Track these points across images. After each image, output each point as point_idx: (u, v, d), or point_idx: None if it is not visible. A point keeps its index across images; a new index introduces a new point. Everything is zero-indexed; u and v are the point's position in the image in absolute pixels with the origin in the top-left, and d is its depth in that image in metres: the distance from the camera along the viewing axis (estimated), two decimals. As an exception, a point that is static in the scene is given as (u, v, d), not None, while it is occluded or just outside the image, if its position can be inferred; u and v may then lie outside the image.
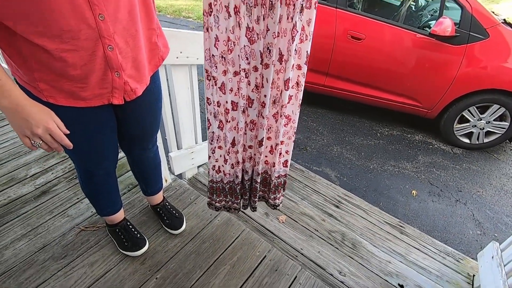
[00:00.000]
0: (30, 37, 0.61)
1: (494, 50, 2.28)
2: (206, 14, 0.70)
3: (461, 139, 2.67)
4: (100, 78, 0.72)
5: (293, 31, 0.72)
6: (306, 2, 0.70)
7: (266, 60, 0.77)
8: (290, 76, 0.79)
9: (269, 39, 0.74)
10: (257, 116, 0.87)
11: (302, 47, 0.77)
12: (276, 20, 0.71)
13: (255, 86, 0.82)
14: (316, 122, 2.93)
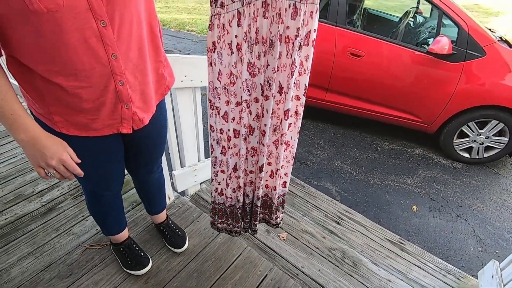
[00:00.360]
0: (47, 75, 0.66)
1: (491, 68, 2.33)
2: (210, 51, 0.74)
3: (461, 154, 2.69)
4: (110, 110, 0.76)
5: (292, 67, 0.76)
6: (304, 40, 0.75)
7: (266, 92, 0.81)
8: (290, 107, 0.83)
9: (269, 74, 0.78)
10: (258, 143, 0.91)
11: (301, 80, 0.81)
12: (276, 57, 0.75)
13: (256, 115, 0.86)
14: (317, 136, 2.97)
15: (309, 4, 0.70)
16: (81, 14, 0.61)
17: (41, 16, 0.57)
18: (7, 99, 0.63)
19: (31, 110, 0.78)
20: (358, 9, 3.11)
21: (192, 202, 1.69)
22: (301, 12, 0.70)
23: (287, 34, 0.73)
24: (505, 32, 6.21)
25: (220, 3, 0.68)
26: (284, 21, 0.71)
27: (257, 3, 0.70)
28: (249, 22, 0.71)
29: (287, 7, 0.70)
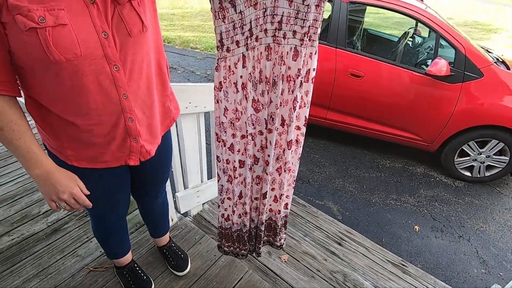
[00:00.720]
0: (62, 115, 0.71)
1: (490, 89, 2.37)
2: (217, 89, 0.79)
3: (462, 172, 2.70)
4: (120, 144, 0.80)
5: (294, 102, 0.81)
6: (304, 78, 0.80)
7: (270, 126, 0.86)
8: (292, 138, 0.88)
9: (272, 109, 0.83)
10: (262, 172, 0.95)
11: (301, 112, 0.86)
12: (278, 94, 0.80)
13: (260, 147, 0.90)
14: (319, 154, 3.00)
15: (308, 47, 0.75)
16: (96, 60, 0.66)
17: (60, 64, 0.62)
18: (25, 139, 0.67)
19: (45, 144, 0.82)
20: (357, 30, 3.19)
21: (194, 223, 1.71)
22: (301, 55, 0.76)
23: (289, 73, 0.78)
24: (503, 52, 6.30)
25: (226, 48, 0.73)
26: (286, 63, 0.77)
27: (261, 47, 0.75)
28: (253, 64, 0.77)
29: (288, 50, 0.75)
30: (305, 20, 0.72)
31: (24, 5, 0.56)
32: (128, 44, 0.69)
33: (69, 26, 0.60)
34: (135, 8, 0.68)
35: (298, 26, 0.73)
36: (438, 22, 2.45)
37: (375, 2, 2.60)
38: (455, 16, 10.21)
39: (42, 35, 0.58)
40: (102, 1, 0.64)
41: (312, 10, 0.71)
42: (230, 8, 0.68)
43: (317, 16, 0.72)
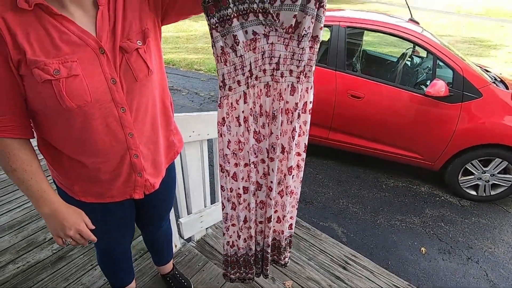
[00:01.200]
0: (72, 155, 0.75)
1: (490, 108, 2.40)
2: (220, 124, 0.83)
3: (467, 191, 2.68)
4: (125, 179, 0.84)
5: (293, 132, 0.86)
6: (301, 110, 0.85)
7: (271, 155, 0.90)
8: (292, 164, 0.91)
9: (273, 140, 0.88)
10: (266, 197, 0.98)
11: (301, 140, 0.92)
12: (278, 126, 0.85)
13: (263, 174, 0.94)
14: (322, 174, 3.00)
15: (304, 83, 0.81)
16: (105, 104, 0.70)
17: (71, 110, 0.66)
18: (36, 179, 0.71)
19: (55, 180, 0.86)
20: (356, 52, 3.28)
21: (197, 249, 1.71)
22: (298, 90, 0.81)
23: (287, 107, 0.84)
24: (503, 67, 6.35)
25: (228, 87, 0.78)
26: (284, 98, 0.82)
27: (260, 85, 0.80)
28: (254, 100, 0.81)
29: (286, 87, 0.81)
30: (301, 60, 0.78)
31: (41, 59, 0.61)
32: (135, 88, 0.74)
33: (81, 76, 0.65)
34: (141, 55, 0.73)
35: (294, 66, 0.79)
36: (435, 45, 2.51)
37: (372, 27, 2.69)
38: (453, 33, 10.39)
39: (56, 86, 0.63)
40: (111, 51, 0.69)
41: (307, 51, 0.76)
42: (231, 53, 0.73)
43: (311, 56, 0.77)
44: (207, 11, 0.70)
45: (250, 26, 0.72)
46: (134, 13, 0.73)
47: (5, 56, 0.61)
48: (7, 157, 0.68)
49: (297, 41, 0.75)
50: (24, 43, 0.60)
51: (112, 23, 0.70)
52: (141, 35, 0.73)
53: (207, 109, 4.33)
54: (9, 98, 0.65)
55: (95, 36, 0.68)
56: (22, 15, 0.61)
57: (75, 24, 0.65)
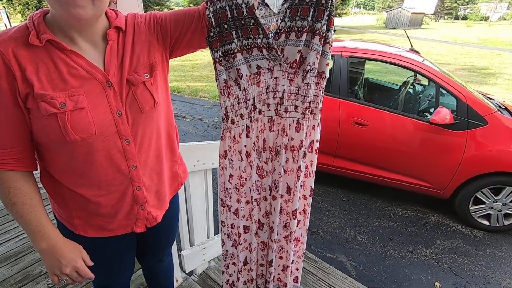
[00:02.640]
0: (73, 187, 0.73)
1: (496, 136, 2.37)
2: (222, 157, 0.81)
3: (479, 221, 2.58)
4: (127, 212, 0.81)
5: (298, 172, 0.82)
6: (308, 148, 0.82)
7: (274, 193, 0.86)
8: (297, 207, 0.87)
9: (276, 177, 0.84)
10: (267, 238, 0.92)
11: (307, 182, 0.87)
12: (282, 163, 0.82)
13: (265, 212, 0.90)
14: (328, 202, 2.93)
15: (311, 120, 0.78)
16: (109, 136, 0.69)
17: (75, 143, 0.65)
18: (36, 212, 0.69)
19: (55, 213, 0.83)
20: (359, 80, 3.33)
21: (200, 283, 1.63)
22: (304, 127, 0.79)
23: (292, 144, 0.81)
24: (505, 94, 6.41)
25: (231, 120, 0.77)
26: (288, 134, 0.80)
27: (264, 119, 0.79)
28: (257, 134, 0.79)
29: (290, 123, 0.79)
30: (306, 96, 0.76)
31: (48, 93, 0.61)
32: (140, 119, 0.73)
33: (87, 109, 0.65)
34: (148, 87, 0.73)
35: (299, 101, 0.77)
36: (437, 73, 2.55)
37: (374, 57, 2.75)
38: (453, 61, 10.64)
39: (61, 119, 0.62)
40: (118, 83, 0.70)
41: (312, 87, 0.75)
42: (234, 86, 0.73)
43: (318, 92, 0.76)
44: (211, 45, 0.71)
45: (254, 61, 0.72)
46: (142, 47, 0.74)
47: (13, 90, 0.61)
48: (7, 190, 0.66)
49: (302, 76, 0.74)
50: (33, 78, 0.61)
51: (120, 56, 0.71)
52: (149, 68, 0.74)
53: (211, 136, 4.35)
54: (14, 131, 0.65)
55: (103, 69, 0.68)
56: (33, 51, 0.62)
57: (84, 58, 0.66)
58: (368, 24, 35.28)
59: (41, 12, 0.66)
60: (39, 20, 0.64)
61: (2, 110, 0.62)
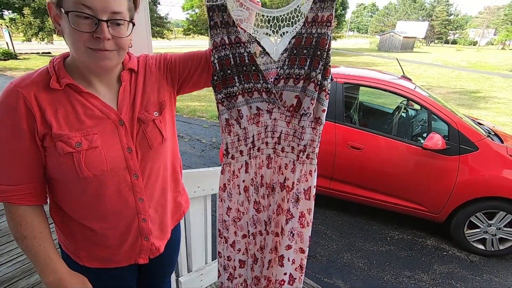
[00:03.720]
0: (81, 220, 0.76)
1: (487, 161, 2.44)
2: (221, 190, 0.84)
3: (475, 245, 2.60)
4: (131, 244, 0.83)
5: (287, 214, 0.83)
6: (305, 195, 0.82)
7: (268, 228, 0.88)
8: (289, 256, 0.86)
9: (270, 212, 0.87)
10: (260, 273, 0.94)
11: (304, 232, 0.86)
12: (277, 200, 0.85)
13: (259, 247, 0.92)
14: (324, 225, 2.93)
15: (307, 164, 0.81)
16: (119, 172, 0.73)
17: (87, 179, 0.69)
18: (45, 245, 0.71)
19: (61, 244, 0.85)
20: (353, 105, 3.43)
21: (196, 310, 1.61)
22: (298, 169, 0.81)
23: (287, 183, 0.83)
24: (495, 117, 6.58)
25: (231, 156, 0.81)
26: (284, 173, 0.83)
27: (262, 156, 0.83)
28: (255, 170, 0.84)
29: (287, 162, 0.83)
30: (301, 139, 0.79)
31: (65, 133, 0.66)
32: (149, 155, 0.77)
33: (100, 147, 0.69)
34: (157, 125, 0.77)
35: (295, 143, 0.81)
36: (428, 100, 2.65)
37: (368, 83, 2.86)
38: (444, 84, 10.97)
39: (76, 158, 0.66)
40: (130, 121, 0.74)
41: (308, 131, 0.78)
42: (235, 124, 0.78)
43: (314, 137, 0.79)
44: (214, 87, 0.76)
45: (255, 103, 0.77)
46: (152, 87, 0.80)
47: (32, 130, 0.65)
48: (19, 224, 0.69)
49: (298, 119, 0.78)
50: (52, 119, 0.65)
51: (132, 96, 0.76)
52: (158, 107, 0.79)
53: (208, 156, 4.38)
54: (30, 168, 0.68)
55: (116, 109, 0.73)
56: (53, 94, 0.67)
57: (99, 99, 0.71)
58: (362, 47, 36.48)
59: (61, 57, 0.72)
60: (59, 65, 0.69)
61: (20, 148, 0.65)
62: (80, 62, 0.69)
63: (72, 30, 0.62)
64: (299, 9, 0.70)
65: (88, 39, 0.63)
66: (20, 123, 0.64)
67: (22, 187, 0.68)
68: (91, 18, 0.62)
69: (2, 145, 0.65)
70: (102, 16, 0.63)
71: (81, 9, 0.61)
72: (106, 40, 0.64)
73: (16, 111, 0.64)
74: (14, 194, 0.68)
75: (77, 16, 0.61)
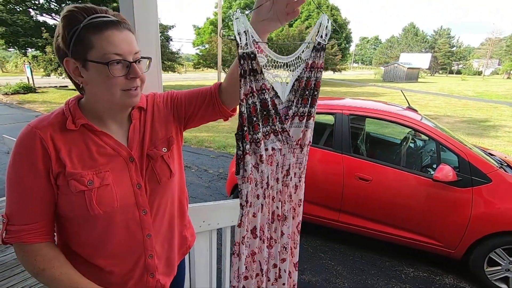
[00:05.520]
0: (89, 257, 0.75)
1: (502, 193, 2.36)
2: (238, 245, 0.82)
3: (497, 285, 2.43)
4: (136, 281, 0.81)
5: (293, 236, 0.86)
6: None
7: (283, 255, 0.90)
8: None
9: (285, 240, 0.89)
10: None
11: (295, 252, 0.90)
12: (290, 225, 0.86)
13: (274, 279, 0.90)
14: (334, 261, 2.81)
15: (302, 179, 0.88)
16: (128, 208, 0.74)
17: (97, 216, 0.69)
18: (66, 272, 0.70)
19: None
20: (360, 135, 3.44)
21: None
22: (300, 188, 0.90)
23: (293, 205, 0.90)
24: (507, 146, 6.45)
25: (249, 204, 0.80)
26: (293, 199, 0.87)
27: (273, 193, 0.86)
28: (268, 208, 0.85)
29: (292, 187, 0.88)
30: (301, 164, 0.88)
31: (78, 171, 0.68)
32: (157, 190, 0.78)
33: (111, 185, 0.70)
34: (166, 160, 0.79)
35: (297, 169, 0.88)
36: (435, 132, 2.64)
37: (374, 115, 2.88)
38: (451, 113, 10.96)
39: (88, 196, 0.68)
40: (139, 158, 0.76)
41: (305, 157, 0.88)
42: (254, 171, 0.79)
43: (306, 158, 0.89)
44: (243, 138, 0.72)
45: (270, 144, 0.80)
46: (161, 124, 0.83)
47: (47, 169, 0.68)
48: (34, 259, 0.69)
49: (301, 149, 0.86)
50: (66, 158, 0.68)
51: (142, 133, 0.79)
52: (166, 143, 0.81)
53: (215, 187, 4.36)
54: (44, 206, 0.70)
55: (126, 146, 0.75)
56: (68, 134, 0.70)
57: (112, 138, 0.74)
58: (366, 78, 37.26)
59: (75, 99, 0.76)
60: (74, 106, 0.73)
61: (36, 188, 0.68)
62: (106, 104, 0.72)
63: (108, 78, 0.66)
64: (300, 56, 0.77)
65: (123, 82, 0.68)
66: (37, 163, 0.67)
67: (36, 225, 0.69)
68: (122, 62, 0.67)
69: (19, 185, 0.68)
70: (129, 58, 0.68)
71: (115, 57, 0.66)
72: (138, 77, 0.70)
73: (34, 152, 0.66)
74: (28, 233, 0.68)
75: (111, 64, 0.66)
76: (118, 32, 0.66)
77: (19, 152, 0.67)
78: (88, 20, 0.65)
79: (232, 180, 3.24)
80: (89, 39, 0.65)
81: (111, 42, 0.65)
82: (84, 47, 0.65)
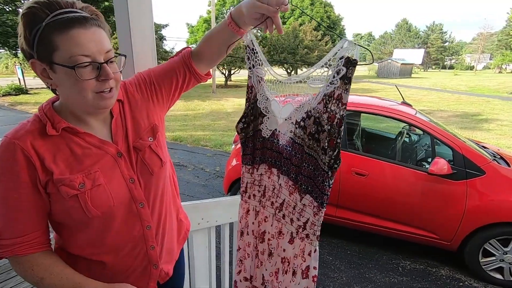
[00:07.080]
0: (90, 257, 0.75)
1: (496, 185, 2.39)
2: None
3: (492, 275, 2.47)
4: (140, 273, 0.81)
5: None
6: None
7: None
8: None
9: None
10: None
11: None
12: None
13: None
14: (332, 255, 2.83)
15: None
16: (125, 204, 0.73)
17: (95, 217, 0.69)
18: (67, 276, 0.68)
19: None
20: (356, 131, 3.46)
21: None
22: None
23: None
24: (498, 139, 6.54)
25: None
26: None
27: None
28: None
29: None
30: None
31: (66, 177, 0.66)
32: (151, 181, 0.78)
33: (104, 184, 0.69)
34: (154, 150, 0.78)
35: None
36: (430, 126, 2.66)
37: (369, 110, 2.90)
38: (445, 108, 11.07)
39: (82, 199, 0.66)
40: (127, 152, 0.75)
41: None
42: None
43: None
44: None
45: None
46: (141, 113, 0.80)
47: (34, 179, 0.65)
48: (31, 269, 0.67)
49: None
50: (52, 166, 0.65)
51: (124, 126, 0.77)
52: (151, 132, 0.79)
53: (212, 185, 4.35)
54: (35, 217, 0.68)
55: (112, 142, 0.74)
56: (49, 140, 0.66)
57: (96, 137, 0.71)
58: (360, 74, 37.40)
59: (49, 103, 0.71)
60: (50, 111, 0.68)
61: (23, 199, 0.65)
62: (80, 107, 0.68)
63: (77, 81, 0.61)
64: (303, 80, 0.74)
65: (94, 84, 0.63)
66: (21, 175, 0.64)
67: (28, 237, 0.67)
68: (91, 64, 0.62)
69: (5, 200, 0.65)
70: (100, 59, 0.63)
71: (82, 59, 0.60)
72: (110, 79, 0.65)
73: (16, 164, 0.63)
74: (21, 246, 0.66)
75: (78, 67, 0.60)
76: (84, 30, 0.60)
77: (0, 166, 0.64)
78: (50, 18, 0.59)
79: (229, 178, 3.24)
80: (53, 40, 0.59)
81: (77, 42, 0.59)
82: (49, 49, 0.60)
